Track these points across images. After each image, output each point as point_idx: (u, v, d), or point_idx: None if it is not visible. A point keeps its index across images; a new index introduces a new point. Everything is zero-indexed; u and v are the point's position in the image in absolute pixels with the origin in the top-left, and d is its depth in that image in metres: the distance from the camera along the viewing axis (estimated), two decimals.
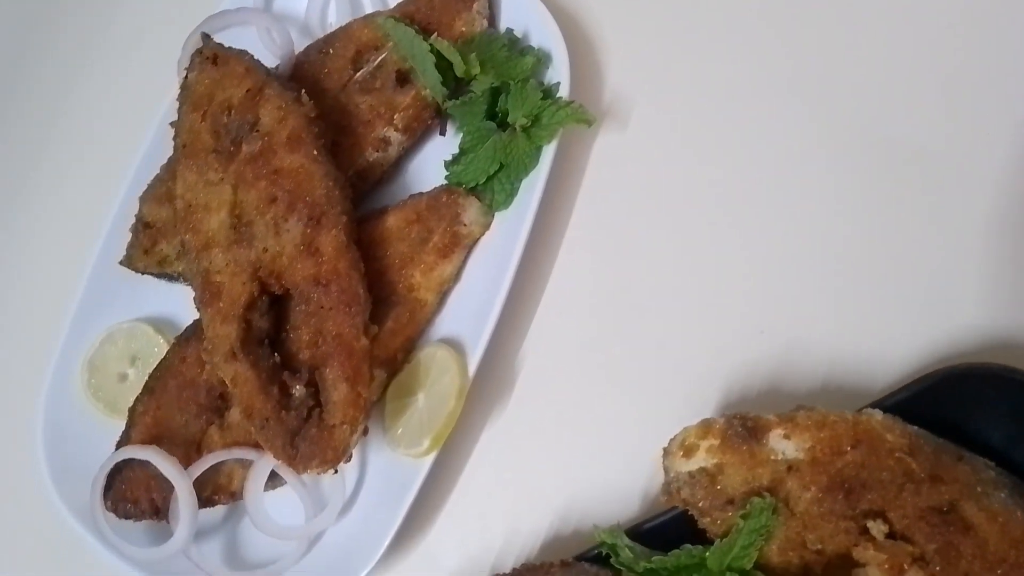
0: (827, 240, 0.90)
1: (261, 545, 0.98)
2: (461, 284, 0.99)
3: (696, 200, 0.97)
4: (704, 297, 0.94)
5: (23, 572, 1.08)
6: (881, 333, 0.86)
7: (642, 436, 0.86)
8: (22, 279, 1.20)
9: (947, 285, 0.86)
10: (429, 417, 0.91)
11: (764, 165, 0.95)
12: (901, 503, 0.76)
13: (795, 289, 0.90)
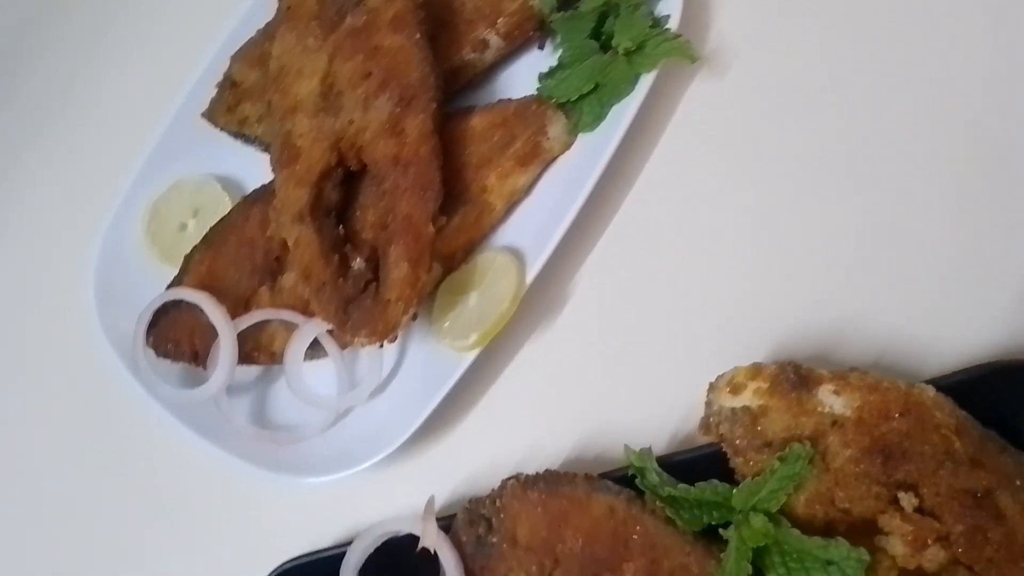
0: (902, 221, 0.90)
1: (288, 411, 0.99)
2: (530, 198, 0.99)
3: (779, 161, 0.96)
4: (768, 256, 0.94)
5: (57, 399, 1.09)
6: (939, 320, 0.86)
7: (683, 377, 0.87)
8: (106, 115, 1.21)
9: (1013, 280, 0.86)
10: (479, 315, 0.92)
11: (855, 138, 0.95)
12: (936, 480, 0.75)
13: (860, 264, 0.90)
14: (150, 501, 1.02)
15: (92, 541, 1.03)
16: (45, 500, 1.06)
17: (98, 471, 1.05)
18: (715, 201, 0.97)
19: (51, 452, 1.07)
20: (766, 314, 0.89)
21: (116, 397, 1.04)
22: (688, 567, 0.79)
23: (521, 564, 0.81)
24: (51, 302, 1.13)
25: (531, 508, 0.81)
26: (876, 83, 0.95)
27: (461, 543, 0.83)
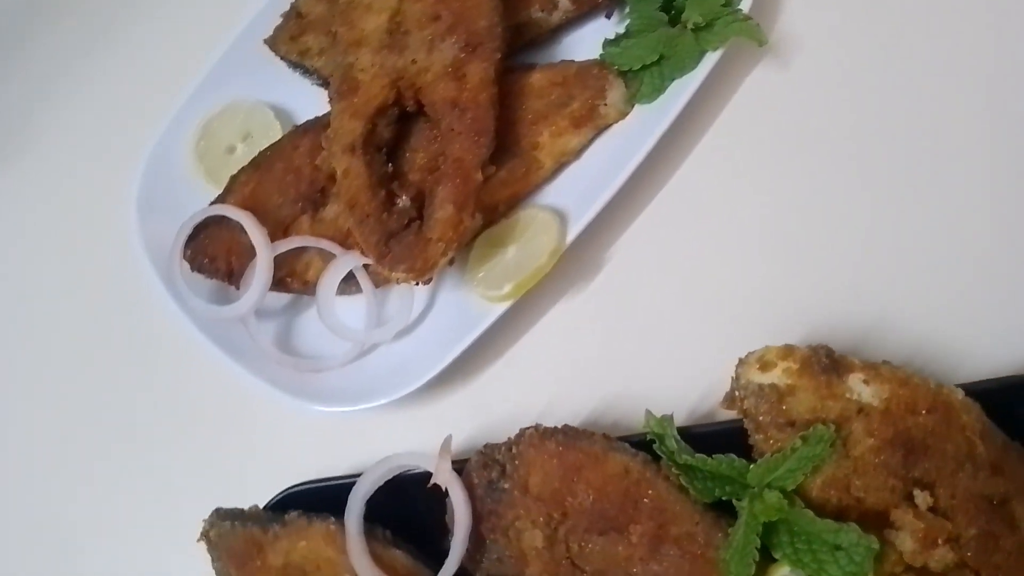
0: (951, 225, 0.90)
1: (313, 341, 1.00)
2: (578, 162, 0.99)
3: (833, 154, 0.96)
4: (810, 245, 0.94)
5: (88, 303, 1.11)
6: (977, 327, 0.86)
7: (710, 354, 0.87)
8: (171, 29, 1.21)
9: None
10: (515, 268, 0.92)
11: (911, 139, 0.95)
12: (954, 481, 0.75)
13: (903, 262, 0.91)
14: (168, 411, 1.03)
15: (105, 443, 1.04)
16: (64, 397, 1.07)
17: (120, 377, 1.06)
18: (763, 186, 0.98)
19: (74, 352, 1.09)
20: (803, 302, 0.90)
21: (147, 308, 1.05)
22: (695, 536, 0.79)
23: (529, 513, 0.82)
24: (94, 207, 1.13)
25: (546, 458, 0.81)
26: (941, 87, 0.95)
27: (472, 485, 0.84)
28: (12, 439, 1.09)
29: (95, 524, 1.02)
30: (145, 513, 1.01)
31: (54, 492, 1.05)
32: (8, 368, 1.12)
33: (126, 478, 1.02)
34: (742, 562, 0.75)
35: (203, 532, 0.87)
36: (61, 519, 1.04)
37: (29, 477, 1.06)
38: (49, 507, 1.04)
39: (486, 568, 0.84)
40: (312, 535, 0.86)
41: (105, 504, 1.02)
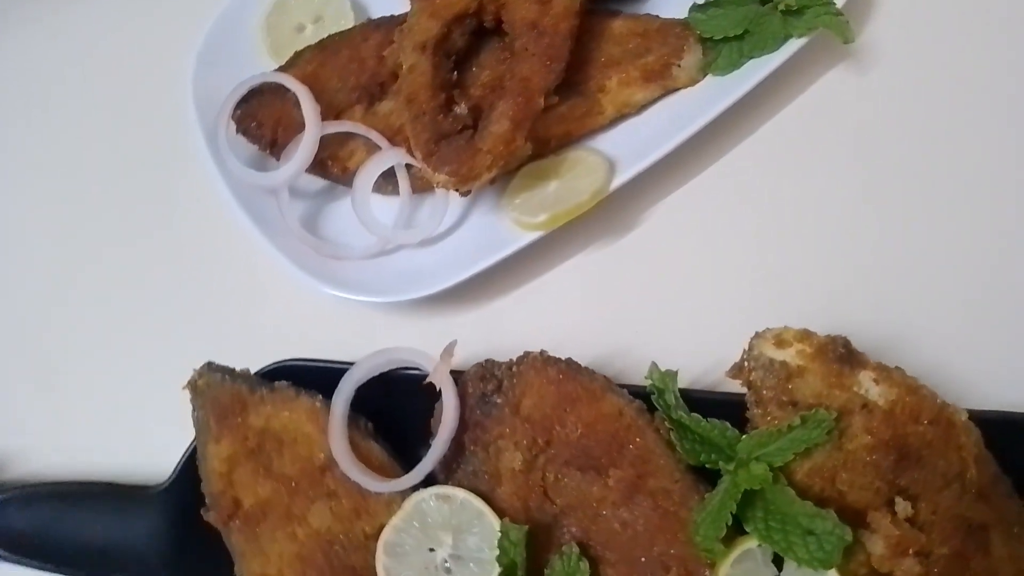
0: (1000, 260, 0.91)
1: (339, 229, 1.00)
2: (637, 118, 0.99)
3: (892, 170, 0.96)
4: (849, 249, 0.94)
5: (130, 142, 1.11)
6: (995, 358, 0.86)
7: (727, 327, 0.84)
8: None
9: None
10: (555, 200, 0.92)
11: (976, 175, 0.95)
12: (938, 498, 0.75)
13: (937, 280, 0.91)
14: (182, 263, 1.04)
15: (115, 276, 1.05)
16: (85, 222, 1.08)
17: (143, 218, 1.07)
18: (814, 183, 0.98)
19: (105, 182, 1.09)
20: (831, 299, 0.89)
21: (184, 159, 1.05)
22: (671, 493, 0.79)
23: (515, 433, 0.82)
24: (158, 50, 1.13)
25: (545, 384, 0.81)
26: (1013, 131, 0.95)
27: (466, 394, 0.84)
28: (30, 256, 1.09)
29: (85, 350, 1.03)
30: (136, 354, 1.02)
31: (54, 312, 1.05)
32: (38, 184, 1.12)
33: (127, 315, 1.03)
34: (713, 525, 0.75)
35: (191, 380, 0.88)
36: (52, 337, 1.04)
37: (36, 295, 1.07)
38: (44, 325, 1.05)
39: (459, 479, 0.84)
40: (297, 408, 0.86)
41: (100, 334, 1.03)
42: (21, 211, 1.11)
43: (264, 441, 0.85)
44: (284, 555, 0.83)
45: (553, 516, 0.81)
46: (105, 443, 0.97)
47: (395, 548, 0.81)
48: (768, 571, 0.76)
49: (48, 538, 0.87)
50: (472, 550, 0.80)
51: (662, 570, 0.77)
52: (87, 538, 0.87)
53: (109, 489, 0.90)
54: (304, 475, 0.85)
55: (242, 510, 0.84)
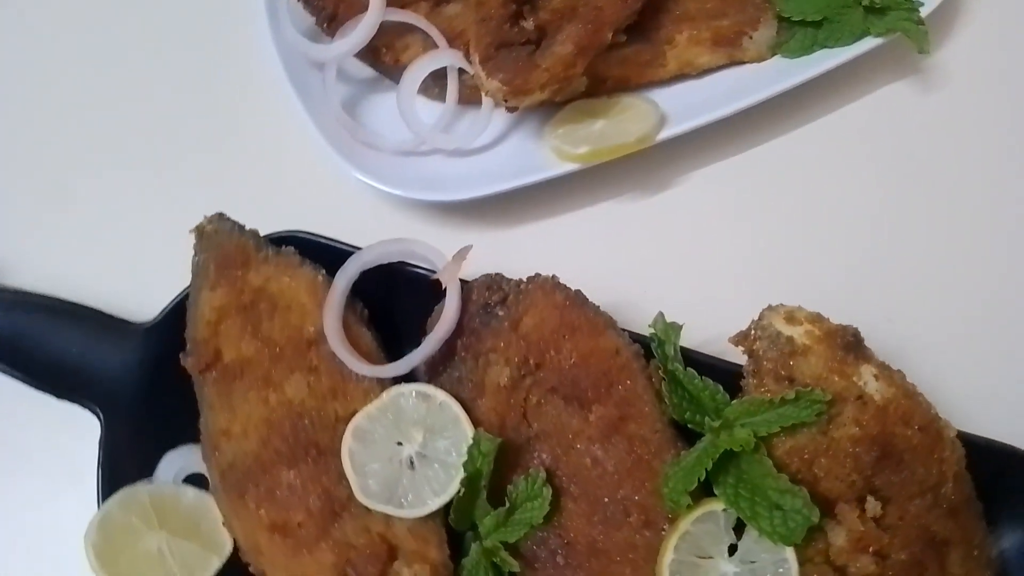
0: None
1: (378, 120, 0.99)
2: (696, 81, 0.98)
3: (937, 192, 0.96)
4: (877, 255, 0.94)
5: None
6: (997, 389, 0.86)
7: (742, 303, 0.83)
8: None
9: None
10: (599, 137, 0.92)
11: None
12: (909, 505, 0.75)
13: (952, 305, 0.91)
14: (216, 118, 1.03)
15: (146, 118, 1.04)
16: (132, 67, 1.07)
17: (192, 70, 1.06)
18: (854, 183, 0.97)
19: (160, 31, 1.08)
20: (848, 297, 0.87)
21: (239, 17, 1.05)
22: (648, 442, 0.79)
23: (508, 349, 0.81)
24: None
25: (549, 306, 0.81)
26: None
27: (470, 300, 0.83)
28: (70, 73, 1.07)
29: (102, 179, 1.02)
30: (151, 194, 1.01)
31: (81, 133, 1.04)
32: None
33: (152, 153, 1.02)
34: (684, 479, 0.74)
35: (200, 225, 0.87)
36: (73, 158, 1.03)
37: (67, 112, 1.05)
38: (68, 144, 1.04)
39: (442, 382, 0.83)
40: (298, 277, 0.85)
41: (121, 167, 1.02)
42: (72, 29, 1.09)
43: (259, 300, 0.84)
44: (252, 416, 0.82)
45: (527, 439, 0.80)
46: (99, 272, 0.96)
47: (364, 434, 0.80)
48: (727, 537, 0.75)
49: (25, 347, 0.86)
50: (440, 452, 0.79)
51: (622, 513, 0.77)
52: (63, 357, 0.86)
53: (95, 316, 0.89)
54: (290, 344, 0.84)
55: (221, 363, 0.83)
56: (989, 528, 0.78)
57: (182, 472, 0.86)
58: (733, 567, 0.74)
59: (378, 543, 0.77)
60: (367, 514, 0.78)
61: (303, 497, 0.79)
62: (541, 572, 0.78)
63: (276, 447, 0.81)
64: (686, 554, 0.75)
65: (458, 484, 0.77)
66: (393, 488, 0.78)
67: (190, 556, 0.79)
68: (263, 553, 0.77)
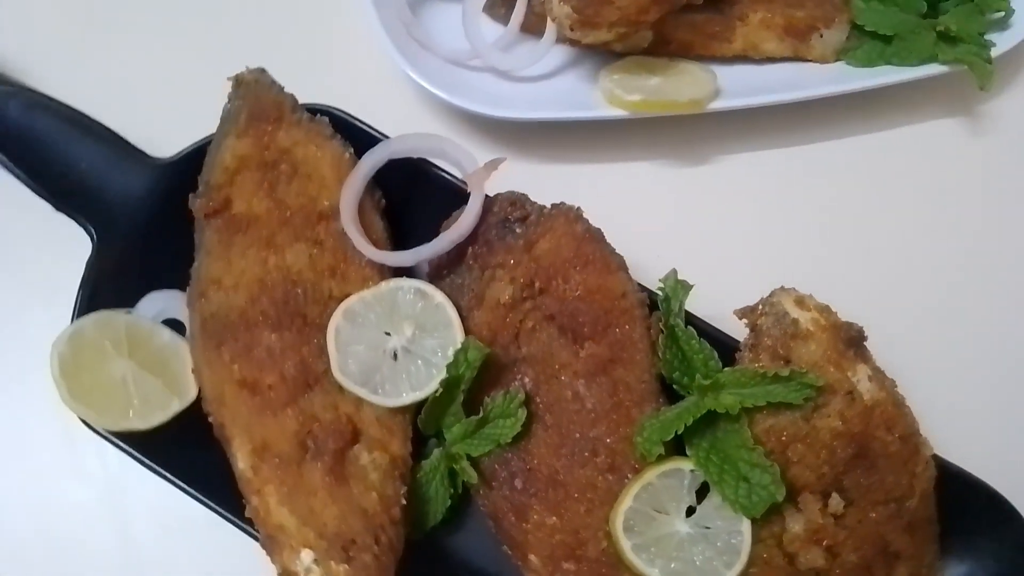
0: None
1: (437, 28, 0.98)
2: (754, 67, 0.98)
3: (963, 229, 0.97)
4: (896, 272, 0.95)
5: None
6: (978, 429, 0.87)
7: (759, 285, 0.83)
8: None
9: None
10: (654, 90, 0.91)
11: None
12: (872, 511, 0.75)
13: (959, 333, 0.92)
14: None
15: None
16: None
17: None
18: (894, 205, 0.98)
19: None
20: (860, 305, 0.85)
21: None
22: (632, 390, 0.78)
23: (516, 267, 0.80)
24: None
25: (567, 235, 0.80)
26: None
27: (491, 211, 0.82)
28: None
29: (153, 15, 1.01)
30: (195, 37, 1.00)
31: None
32: None
33: (203, 2, 1.01)
34: (659, 431, 0.74)
35: (240, 74, 0.85)
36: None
37: None
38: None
39: (443, 286, 0.82)
40: (326, 148, 0.84)
41: (171, 10, 1.01)
42: None
43: (281, 161, 0.83)
44: (247, 273, 0.80)
45: (513, 360, 0.80)
46: (129, 104, 0.93)
47: (355, 316, 0.79)
48: (688, 498, 0.75)
49: (35, 148, 0.84)
50: (426, 350, 0.78)
51: (590, 452, 0.77)
52: (71, 168, 0.85)
53: (113, 138, 0.87)
54: (302, 212, 0.82)
55: (229, 212, 0.82)
56: (940, 554, 0.79)
57: (162, 314, 0.85)
58: (687, 527, 0.74)
59: (344, 423, 0.76)
60: (339, 394, 0.77)
61: (279, 361, 0.78)
62: (496, 492, 0.78)
63: (263, 308, 0.80)
64: (645, 505, 0.75)
65: (437, 384, 0.76)
66: (371, 373, 0.78)
67: (152, 392, 0.78)
68: (226, 405, 0.76)
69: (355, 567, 0.70)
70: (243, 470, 0.75)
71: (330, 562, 0.70)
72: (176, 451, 0.79)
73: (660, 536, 0.74)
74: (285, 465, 0.74)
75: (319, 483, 0.73)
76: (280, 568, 0.71)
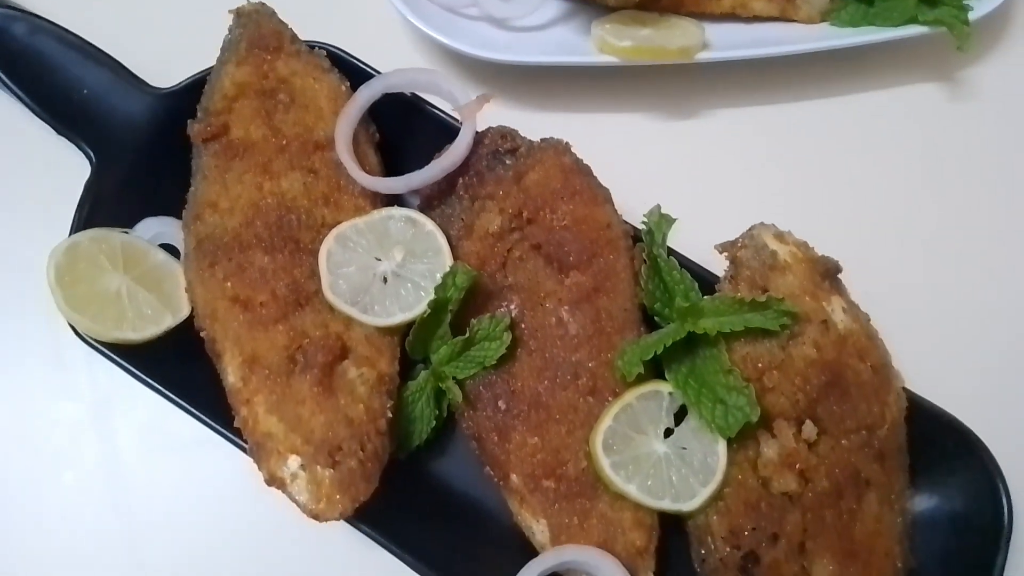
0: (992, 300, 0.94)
1: None
2: (742, 25, 1.01)
3: (936, 188, 1.00)
4: (867, 226, 0.97)
5: None
6: (950, 370, 0.89)
7: (735, 230, 0.86)
8: None
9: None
10: (645, 39, 0.94)
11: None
12: (844, 440, 0.77)
13: (931, 279, 0.95)
14: None
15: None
16: None
17: None
18: (870, 161, 1.01)
19: None
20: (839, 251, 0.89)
21: None
22: (614, 318, 0.80)
23: (506, 198, 0.82)
24: None
25: (556, 167, 0.82)
26: None
27: (482, 143, 0.84)
28: None
29: None
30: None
31: None
32: None
33: None
34: (639, 353, 0.76)
35: (240, 7, 0.87)
36: None
37: None
38: None
39: (433, 216, 0.84)
40: (323, 80, 0.86)
41: None
42: None
43: (279, 90, 0.85)
44: (242, 197, 0.82)
45: (500, 288, 0.82)
46: (133, 34, 0.95)
47: (347, 241, 0.81)
48: (666, 420, 0.77)
49: (38, 71, 0.86)
50: (415, 274, 0.80)
51: (572, 376, 0.79)
52: (72, 92, 0.87)
53: (116, 66, 0.89)
54: (298, 140, 0.84)
55: (227, 137, 0.84)
56: (910, 484, 0.81)
57: (157, 239, 0.87)
58: (664, 447, 0.76)
59: (333, 339, 0.78)
60: (329, 313, 0.79)
61: (271, 281, 0.79)
62: (480, 413, 0.80)
63: (257, 231, 0.82)
64: (624, 425, 0.77)
65: (425, 306, 0.78)
66: (361, 294, 0.79)
67: (146, 305, 0.80)
68: (218, 320, 0.78)
69: (340, 472, 0.72)
70: (233, 382, 0.76)
71: (316, 467, 0.72)
72: (167, 367, 0.81)
73: (638, 455, 0.76)
74: (274, 376, 0.75)
75: (307, 393, 0.75)
76: (267, 474, 0.73)
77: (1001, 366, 0.91)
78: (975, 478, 0.80)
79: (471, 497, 0.83)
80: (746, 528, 0.75)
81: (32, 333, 0.89)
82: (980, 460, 0.80)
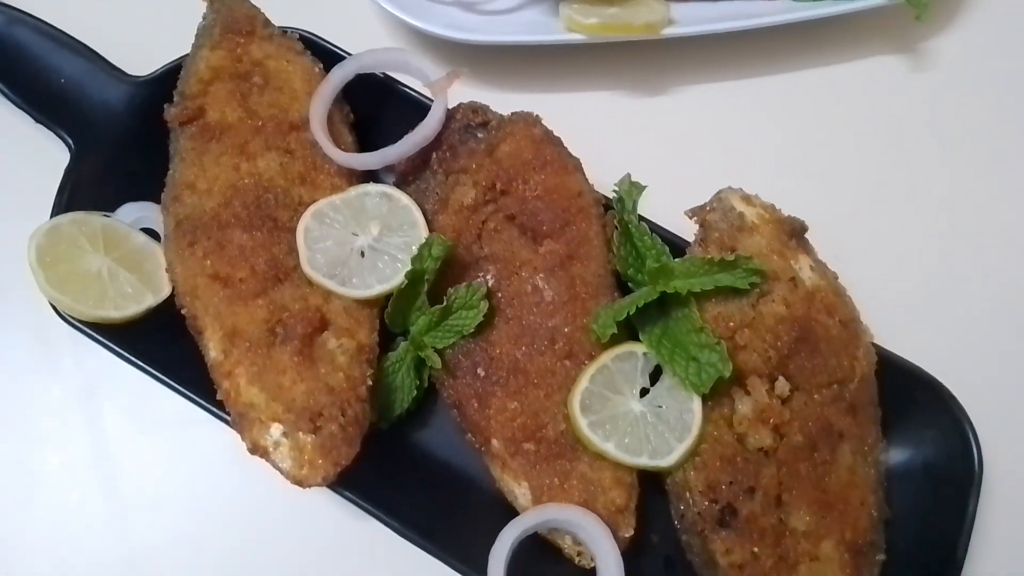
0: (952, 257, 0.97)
1: None
2: (704, 4, 1.03)
3: (900, 160, 1.02)
4: (830, 197, 0.99)
5: None
6: (916, 325, 0.91)
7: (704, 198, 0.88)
8: None
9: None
10: (611, 16, 0.95)
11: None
12: (816, 393, 0.79)
13: (898, 240, 0.97)
14: None
15: None
16: None
17: None
18: (832, 131, 1.03)
19: None
20: (808, 209, 0.89)
21: None
22: (588, 284, 0.82)
23: (479, 171, 0.84)
24: None
25: (527, 138, 0.84)
26: None
27: (454, 118, 0.86)
28: None
29: None
30: None
31: None
32: None
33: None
34: (613, 314, 0.78)
35: None
36: None
37: None
38: None
39: (409, 191, 0.86)
40: (297, 63, 0.88)
41: None
42: None
43: (254, 73, 0.87)
44: (220, 178, 0.84)
45: (476, 259, 0.83)
46: (104, 19, 0.97)
47: (323, 217, 0.83)
48: (641, 380, 0.79)
49: (15, 61, 0.88)
50: (392, 247, 0.82)
51: (549, 341, 0.80)
52: (51, 82, 0.88)
53: (92, 55, 0.90)
54: (273, 122, 0.86)
55: (203, 120, 0.85)
56: (883, 436, 0.82)
57: (138, 223, 0.88)
58: (641, 406, 0.78)
59: (312, 312, 0.79)
60: (308, 287, 0.81)
61: (250, 258, 0.81)
62: (460, 380, 0.81)
63: (236, 211, 0.83)
64: (600, 386, 0.79)
65: (402, 277, 0.80)
66: (339, 267, 0.81)
67: (127, 285, 0.81)
68: (199, 297, 0.79)
69: (322, 437, 0.73)
70: (215, 356, 0.77)
71: (298, 433, 0.73)
72: (150, 346, 0.82)
73: (615, 414, 0.78)
74: (255, 348, 0.77)
75: (288, 363, 0.76)
76: (250, 444, 0.74)
77: (967, 319, 0.94)
78: (946, 428, 0.82)
79: (454, 464, 0.84)
80: (723, 482, 0.77)
81: (16, 319, 0.90)
82: (950, 410, 0.82)
